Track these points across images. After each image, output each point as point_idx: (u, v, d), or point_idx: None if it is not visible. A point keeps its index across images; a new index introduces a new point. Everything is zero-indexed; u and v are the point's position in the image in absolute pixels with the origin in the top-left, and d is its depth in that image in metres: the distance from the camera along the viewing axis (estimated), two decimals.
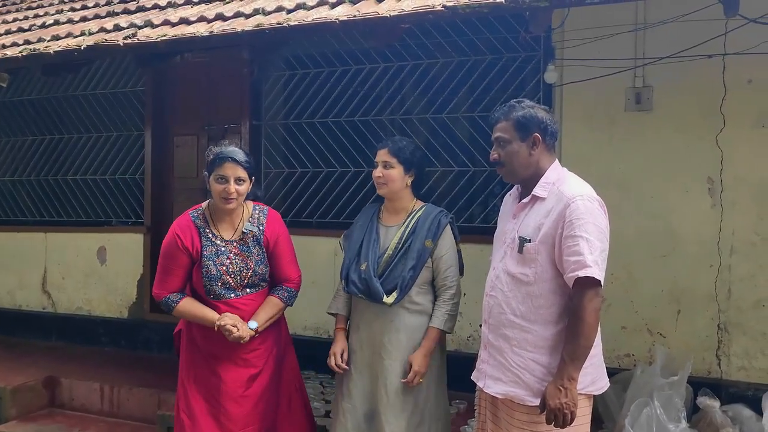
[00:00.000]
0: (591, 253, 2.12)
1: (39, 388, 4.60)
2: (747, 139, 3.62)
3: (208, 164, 2.84)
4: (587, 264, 2.12)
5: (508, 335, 2.28)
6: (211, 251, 2.83)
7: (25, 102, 6.12)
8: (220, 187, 2.78)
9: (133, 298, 5.44)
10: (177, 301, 2.86)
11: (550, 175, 2.31)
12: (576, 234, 2.15)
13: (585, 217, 2.16)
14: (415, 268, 2.80)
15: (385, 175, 2.86)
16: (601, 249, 2.16)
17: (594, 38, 3.68)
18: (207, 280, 2.83)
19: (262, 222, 2.95)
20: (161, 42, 3.75)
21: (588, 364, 2.21)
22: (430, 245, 2.81)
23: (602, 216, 2.22)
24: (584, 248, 2.13)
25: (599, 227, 2.18)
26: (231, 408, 2.86)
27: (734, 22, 3.32)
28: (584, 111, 3.96)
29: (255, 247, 2.91)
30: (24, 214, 6.13)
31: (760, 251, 3.63)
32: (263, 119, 5.11)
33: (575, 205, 2.17)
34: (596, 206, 2.21)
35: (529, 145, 2.30)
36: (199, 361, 2.92)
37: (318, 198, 4.87)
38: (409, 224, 2.88)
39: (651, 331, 3.85)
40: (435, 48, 4.51)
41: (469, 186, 4.50)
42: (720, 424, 3.23)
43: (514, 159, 2.32)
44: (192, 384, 2.90)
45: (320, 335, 4.74)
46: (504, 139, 2.33)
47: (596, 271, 2.12)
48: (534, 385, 2.21)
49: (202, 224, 2.87)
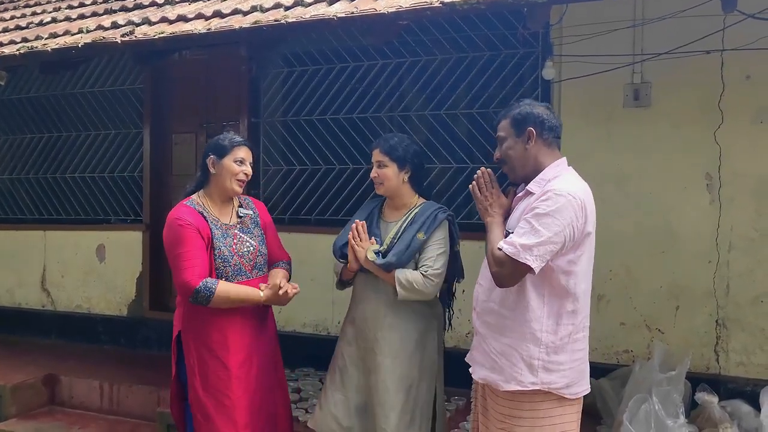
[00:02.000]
0: (528, 240, 2.12)
1: (39, 386, 4.61)
2: (745, 134, 3.63)
3: (220, 147, 2.88)
4: (514, 243, 2.13)
5: (489, 322, 2.33)
6: (219, 234, 2.86)
7: (23, 100, 6.11)
8: (238, 168, 2.87)
9: (132, 296, 5.45)
10: (215, 285, 2.73)
11: (548, 172, 2.29)
12: (528, 218, 2.16)
13: (547, 208, 2.13)
14: (401, 257, 2.76)
15: (380, 174, 2.89)
16: (547, 239, 2.11)
17: (592, 34, 3.68)
18: (220, 262, 2.83)
19: (252, 207, 3.07)
20: (159, 39, 3.74)
21: (567, 367, 2.22)
22: (422, 237, 2.80)
23: (571, 215, 2.14)
24: (526, 233, 2.13)
25: (558, 222, 2.12)
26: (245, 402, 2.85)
27: (732, 18, 3.32)
28: (582, 107, 3.96)
29: (255, 229, 2.99)
30: (23, 212, 6.13)
31: (758, 247, 3.63)
32: (262, 116, 5.11)
33: (546, 196, 2.17)
34: (569, 205, 2.14)
35: (524, 140, 2.31)
36: (207, 357, 2.87)
37: (316, 195, 4.87)
38: (407, 219, 2.89)
39: (649, 327, 3.86)
40: (433, 45, 4.51)
41: (467, 183, 4.47)
42: (718, 420, 3.24)
43: (511, 155, 2.34)
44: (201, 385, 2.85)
45: (319, 332, 4.75)
46: (501, 138, 2.36)
47: (520, 253, 2.11)
48: (507, 371, 2.24)
49: (203, 211, 2.89)
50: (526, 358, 2.21)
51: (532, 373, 2.21)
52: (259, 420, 2.92)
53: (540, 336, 2.21)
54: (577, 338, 2.25)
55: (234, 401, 2.84)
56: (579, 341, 2.26)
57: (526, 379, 2.21)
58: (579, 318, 2.25)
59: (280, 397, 3.09)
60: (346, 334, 3.01)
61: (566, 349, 2.22)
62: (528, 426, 2.23)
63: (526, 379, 2.21)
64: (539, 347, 2.21)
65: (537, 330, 2.21)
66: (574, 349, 2.24)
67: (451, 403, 3.96)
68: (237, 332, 2.86)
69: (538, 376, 2.21)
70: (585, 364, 2.31)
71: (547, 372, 2.21)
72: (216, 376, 2.85)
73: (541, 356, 2.21)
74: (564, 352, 2.22)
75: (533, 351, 2.21)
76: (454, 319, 3.08)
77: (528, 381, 2.21)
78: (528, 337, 2.22)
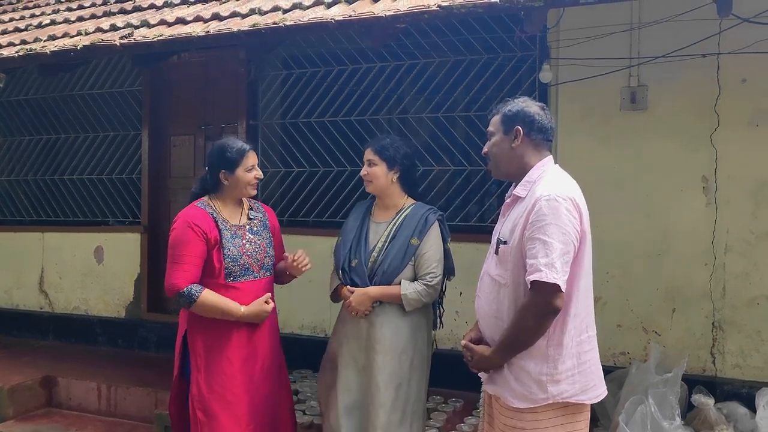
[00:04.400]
0: (546, 256, 2.05)
1: (36, 388, 4.60)
2: (741, 137, 3.64)
3: (230, 162, 2.92)
4: (539, 268, 2.05)
5: (494, 338, 2.25)
6: (229, 235, 2.93)
7: (22, 102, 6.12)
8: (250, 175, 2.96)
9: (130, 298, 5.45)
10: (198, 292, 2.79)
11: (533, 173, 2.24)
12: (534, 236, 2.09)
13: (546, 218, 2.08)
14: (398, 266, 2.85)
15: (369, 172, 2.99)
16: (562, 251, 2.07)
17: (589, 38, 3.70)
18: (230, 261, 2.88)
19: (261, 210, 3.14)
20: (158, 42, 3.75)
21: (576, 372, 2.15)
22: (416, 242, 2.86)
23: (568, 216, 2.10)
24: (539, 251, 2.06)
25: (562, 228, 2.08)
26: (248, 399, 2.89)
27: (728, 22, 3.34)
28: (579, 110, 3.97)
29: (263, 231, 3.06)
30: (21, 213, 6.12)
31: (754, 249, 3.65)
32: (260, 119, 5.12)
33: (539, 205, 2.10)
34: (562, 206, 2.10)
35: (511, 138, 2.25)
36: (214, 355, 2.90)
37: (314, 197, 4.88)
38: (397, 221, 2.94)
39: (646, 329, 3.87)
40: (431, 47, 4.52)
41: (465, 185, 4.51)
42: (714, 422, 3.25)
43: (496, 152, 2.30)
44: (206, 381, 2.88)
45: (317, 334, 4.75)
46: (490, 132, 2.33)
47: (549, 274, 2.04)
48: (517, 388, 2.17)
49: (213, 212, 2.95)
50: (535, 375, 2.14)
51: (542, 390, 2.14)
52: (261, 418, 2.94)
53: (548, 351, 2.14)
54: (582, 340, 2.18)
55: (238, 397, 2.87)
56: (585, 343, 2.19)
57: (537, 396, 2.14)
58: (581, 319, 2.18)
59: (284, 398, 3.11)
60: (337, 333, 3.05)
61: (572, 354, 2.15)
62: None
63: (536, 396, 2.14)
64: (547, 363, 2.14)
65: (544, 345, 2.14)
66: (580, 352, 2.16)
67: (449, 405, 3.97)
68: (242, 330, 2.91)
69: (548, 391, 2.13)
70: (596, 366, 2.22)
71: (556, 384, 2.13)
72: (221, 372, 2.88)
73: (549, 371, 2.13)
74: (570, 358, 2.14)
75: (542, 368, 2.14)
76: (453, 321, 3.10)
77: (539, 398, 2.14)
78: (535, 353, 2.14)
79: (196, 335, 2.91)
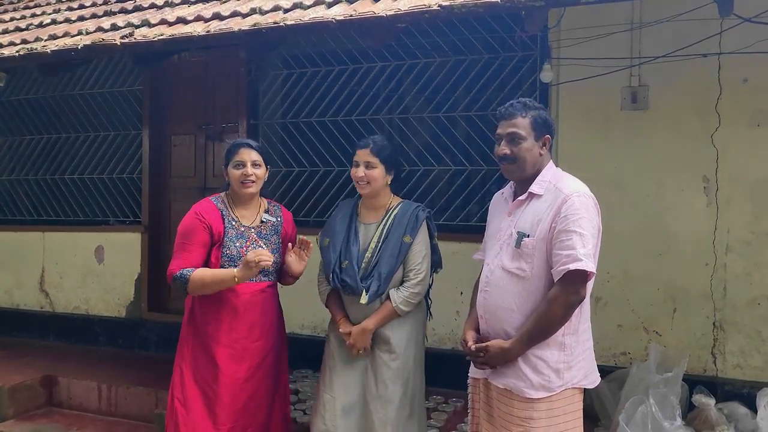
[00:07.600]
0: (584, 247, 2.18)
1: (37, 387, 4.60)
2: (742, 137, 3.64)
3: (226, 156, 2.99)
4: (579, 257, 2.16)
5: (507, 331, 2.30)
6: (233, 234, 2.93)
7: (23, 101, 6.12)
8: (238, 172, 2.93)
9: (130, 298, 5.45)
10: (190, 272, 2.81)
11: (546, 173, 2.37)
12: (570, 229, 2.20)
13: (580, 212, 2.21)
14: (393, 266, 2.83)
15: (367, 175, 2.88)
16: (593, 244, 2.22)
17: (590, 37, 3.70)
18: (227, 259, 2.89)
19: (279, 215, 3.11)
20: (158, 41, 3.75)
21: (580, 359, 2.28)
22: (409, 240, 2.85)
23: (596, 214, 2.27)
24: (577, 242, 2.18)
25: (593, 224, 2.24)
26: (227, 400, 2.89)
27: (729, 22, 3.34)
28: (580, 110, 3.97)
29: (273, 236, 3.04)
30: (22, 213, 6.12)
31: (755, 249, 3.65)
32: (260, 118, 5.12)
33: (572, 200, 2.23)
34: (591, 203, 2.26)
35: (540, 145, 2.36)
36: (199, 349, 2.93)
37: (315, 197, 4.88)
38: (387, 221, 2.91)
39: (647, 329, 3.87)
40: (432, 47, 4.52)
41: (465, 185, 4.51)
42: (715, 422, 3.25)
43: (528, 157, 2.34)
44: (190, 372, 2.93)
45: (318, 334, 4.75)
46: (520, 136, 2.33)
47: (588, 263, 2.17)
48: (535, 379, 2.24)
49: (224, 208, 2.97)
50: (553, 364, 2.24)
51: (559, 377, 2.24)
52: (241, 420, 2.93)
53: (564, 340, 2.25)
54: (585, 328, 2.32)
55: (218, 394, 2.88)
56: (586, 331, 2.33)
57: (554, 384, 2.24)
58: (587, 308, 2.33)
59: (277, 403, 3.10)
60: (335, 334, 3.01)
61: (582, 341, 2.29)
62: (545, 426, 2.24)
63: (554, 384, 2.24)
64: (564, 351, 2.25)
65: (560, 334, 2.24)
66: (583, 340, 2.30)
67: (449, 405, 3.97)
68: (234, 329, 2.90)
69: (563, 377, 2.25)
70: (592, 352, 2.37)
71: (569, 370, 2.25)
72: (204, 366, 2.90)
73: (566, 358, 2.25)
74: (579, 344, 2.28)
75: (560, 356, 2.25)
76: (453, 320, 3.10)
77: (556, 386, 2.24)
78: (551, 342, 2.24)
79: (189, 328, 2.95)
